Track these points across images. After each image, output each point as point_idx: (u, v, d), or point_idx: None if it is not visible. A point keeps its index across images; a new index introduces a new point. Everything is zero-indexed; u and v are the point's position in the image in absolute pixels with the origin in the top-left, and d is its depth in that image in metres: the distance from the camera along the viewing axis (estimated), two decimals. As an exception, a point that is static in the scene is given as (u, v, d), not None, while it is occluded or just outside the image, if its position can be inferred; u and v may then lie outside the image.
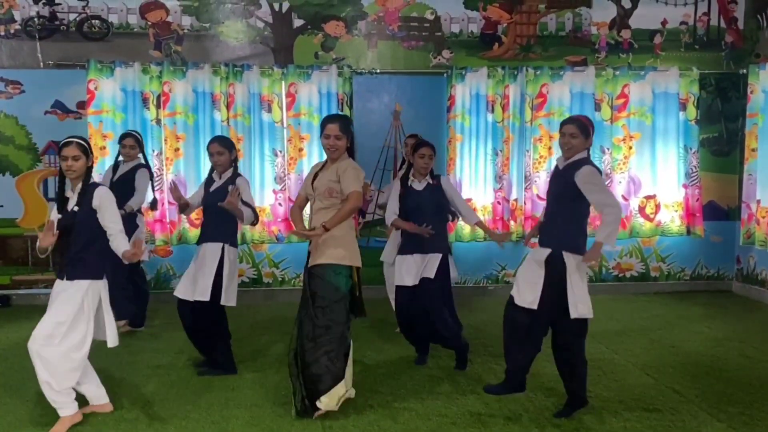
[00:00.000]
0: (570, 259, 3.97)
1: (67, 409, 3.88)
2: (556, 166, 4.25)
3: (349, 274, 4.10)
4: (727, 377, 4.75)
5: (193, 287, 4.61)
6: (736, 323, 6.33)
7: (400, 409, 4.13)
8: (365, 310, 4.22)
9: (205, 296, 4.55)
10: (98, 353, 4.22)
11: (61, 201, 3.94)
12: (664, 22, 7.66)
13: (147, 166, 6.05)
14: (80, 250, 3.87)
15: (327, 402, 3.95)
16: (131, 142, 5.95)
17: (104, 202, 3.89)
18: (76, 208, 3.87)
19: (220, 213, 4.59)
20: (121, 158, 6.04)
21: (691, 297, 7.44)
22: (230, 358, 4.83)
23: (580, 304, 3.90)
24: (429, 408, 4.16)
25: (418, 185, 5.00)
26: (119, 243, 3.89)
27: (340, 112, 7.07)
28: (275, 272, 7.37)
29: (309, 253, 4.19)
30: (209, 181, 4.91)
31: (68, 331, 3.79)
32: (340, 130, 4.06)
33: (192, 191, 6.97)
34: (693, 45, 7.72)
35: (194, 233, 6.94)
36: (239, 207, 4.54)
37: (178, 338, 5.66)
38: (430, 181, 5.01)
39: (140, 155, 6.01)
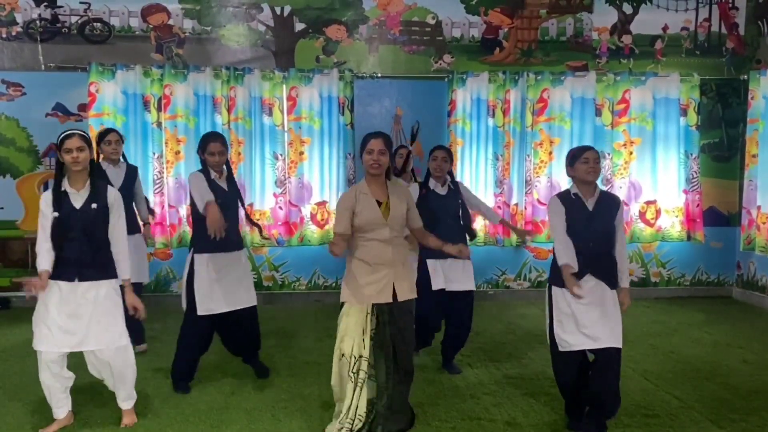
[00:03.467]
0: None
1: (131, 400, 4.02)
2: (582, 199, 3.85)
3: None
4: (728, 383, 4.74)
5: (237, 296, 4.53)
6: (736, 329, 6.32)
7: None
8: None
9: (255, 300, 4.65)
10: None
11: (57, 198, 3.69)
12: (665, 28, 7.67)
13: (136, 166, 5.66)
14: (103, 247, 3.79)
15: None
16: (117, 137, 5.31)
17: (118, 203, 3.81)
18: (93, 205, 3.72)
19: (233, 218, 4.50)
20: (102, 160, 5.27)
21: (692, 303, 7.43)
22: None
23: None
24: (429, 413, 4.15)
25: (441, 189, 4.90)
26: (125, 267, 3.82)
27: (341, 116, 7.09)
28: (275, 276, 7.37)
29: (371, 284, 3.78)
30: (213, 184, 4.47)
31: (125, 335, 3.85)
32: (384, 144, 3.75)
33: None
34: (694, 51, 7.73)
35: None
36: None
37: (175, 342, 5.66)
38: (451, 186, 4.94)
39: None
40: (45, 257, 3.68)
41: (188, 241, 6.84)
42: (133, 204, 5.43)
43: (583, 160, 3.80)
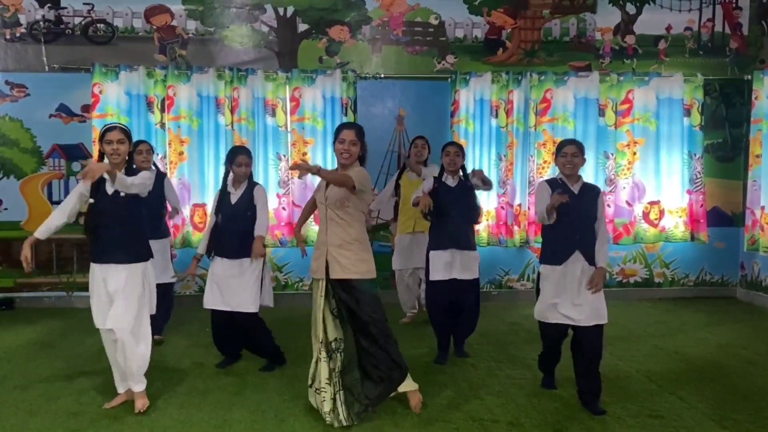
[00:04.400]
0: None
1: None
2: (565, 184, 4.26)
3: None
4: (732, 384, 4.73)
5: (237, 299, 4.82)
6: (740, 330, 6.31)
7: (403, 414, 4.12)
8: None
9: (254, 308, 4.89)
10: (103, 355, 4.22)
11: (96, 184, 3.96)
12: (668, 28, 7.66)
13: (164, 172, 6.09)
14: (130, 233, 4.07)
15: (408, 383, 4.18)
16: (147, 146, 5.67)
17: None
18: (122, 193, 3.96)
19: (243, 227, 4.79)
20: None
21: (695, 303, 7.42)
22: (278, 348, 5.09)
23: None
24: (432, 413, 4.14)
25: (451, 182, 5.18)
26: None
27: (344, 117, 7.09)
28: (278, 276, 7.37)
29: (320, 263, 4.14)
30: (225, 193, 4.89)
31: (138, 321, 4.11)
32: (356, 135, 4.07)
33: (196, 194, 7.03)
34: (697, 51, 7.71)
35: (197, 236, 6.95)
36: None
37: (182, 342, 5.68)
38: (462, 179, 5.21)
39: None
40: (45, 224, 4.06)
41: (191, 242, 6.95)
42: (163, 209, 5.76)
43: (561, 154, 4.24)
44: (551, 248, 4.26)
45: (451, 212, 5.06)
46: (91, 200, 3.99)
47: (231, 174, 4.87)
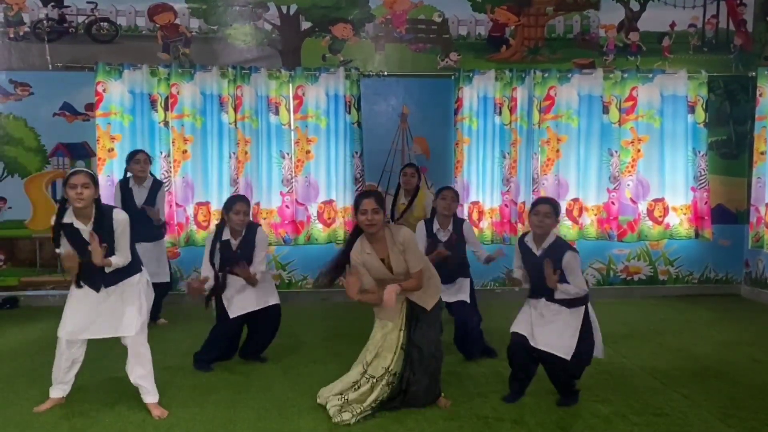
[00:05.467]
0: None
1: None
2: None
3: None
4: (736, 381, 4.72)
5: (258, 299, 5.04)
6: (744, 327, 6.30)
7: (406, 412, 4.11)
8: None
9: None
10: (105, 354, 4.23)
11: (60, 231, 3.93)
12: (672, 25, 7.63)
13: (161, 181, 6.32)
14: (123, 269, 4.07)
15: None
16: (144, 156, 6.03)
17: (122, 227, 4.00)
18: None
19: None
20: (130, 177, 6.05)
21: (700, 301, 7.41)
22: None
23: None
24: (435, 411, 4.14)
25: (443, 235, 5.22)
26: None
27: (348, 115, 7.09)
28: (282, 274, 7.37)
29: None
30: (224, 244, 4.94)
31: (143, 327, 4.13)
32: (376, 203, 3.97)
33: (199, 192, 7.03)
34: (701, 48, 7.69)
35: (202, 235, 6.96)
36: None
37: (184, 340, 5.68)
38: (452, 231, 5.23)
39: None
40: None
41: (195, 240, 6.96)
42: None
43: (534, 212, 4.21)
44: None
45: (445, 266, 4.99)
46: (60, 251, 3.99)
47: (227, 222, 4.91)
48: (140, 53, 7.13)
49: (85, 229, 3.91)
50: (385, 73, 7.39)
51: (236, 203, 4.90)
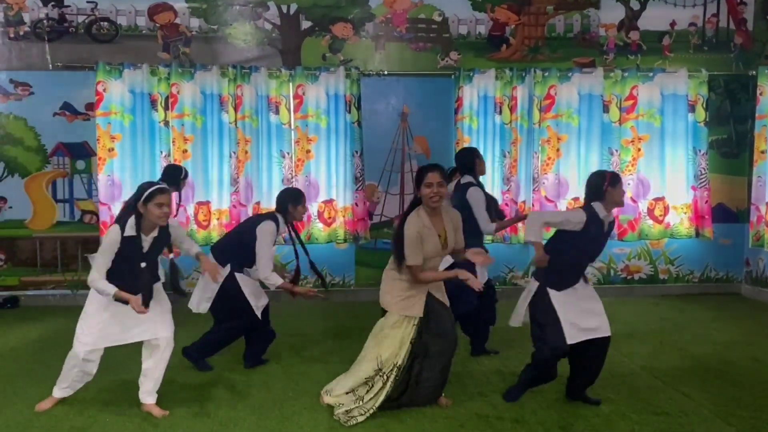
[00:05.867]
0: None
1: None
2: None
3: None
4: (737, 380, 4.72)
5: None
6: (745, 326, 6.29)
7: (407, 410, 4.11)
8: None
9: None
10: (105, 354, 4.22)
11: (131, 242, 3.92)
12: (672, 24, 7.63)
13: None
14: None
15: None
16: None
17: (176, 230, 4.25)
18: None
19: None
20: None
21: (700, 300, 7.41)
22: None
23: None
24: (436, 410, 4.14)
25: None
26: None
27: (348, 114, 7.09)
28: (283, 273, 7.35)
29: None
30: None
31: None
32: (442, 177, 3.87)
33: (199, 193, 7.03)
34: (702, 46, 7.69)
35: (202, 234, 6.97)
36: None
37: (184, 341, 5.67)
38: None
39: None
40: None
41: (195, 240, 6.94)
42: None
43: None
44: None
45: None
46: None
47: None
48: (140, 53, 7.13)
49: (147, 239, 3.98)
50: (386, 73, 7.39)
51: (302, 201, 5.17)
